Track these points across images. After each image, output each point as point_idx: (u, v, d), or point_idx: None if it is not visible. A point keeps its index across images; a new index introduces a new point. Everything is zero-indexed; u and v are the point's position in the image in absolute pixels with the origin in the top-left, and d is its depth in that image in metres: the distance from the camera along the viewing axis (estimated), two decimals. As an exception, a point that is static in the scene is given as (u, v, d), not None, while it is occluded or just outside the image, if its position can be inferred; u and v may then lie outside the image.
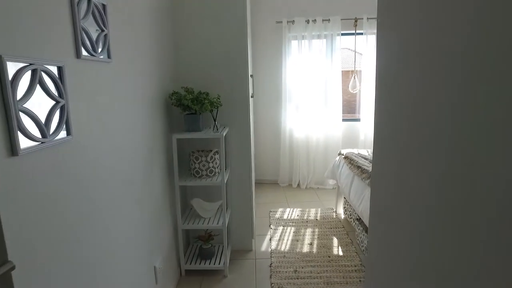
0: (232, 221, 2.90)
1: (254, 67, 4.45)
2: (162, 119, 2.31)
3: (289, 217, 3.63)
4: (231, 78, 2.63)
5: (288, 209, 3.84)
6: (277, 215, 3.69)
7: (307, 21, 4.18)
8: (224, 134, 2.38)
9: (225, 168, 2.74)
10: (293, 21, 4.21)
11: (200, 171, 2.47)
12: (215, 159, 2.49)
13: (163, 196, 2.29)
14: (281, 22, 4.24)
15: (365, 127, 4.46)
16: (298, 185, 4.63)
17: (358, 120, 4.59)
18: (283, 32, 4.25)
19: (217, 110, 2.44)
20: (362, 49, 4.28)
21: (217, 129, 2.38)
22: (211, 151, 2.55)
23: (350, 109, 5.60)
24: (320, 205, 3.97)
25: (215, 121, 2.41)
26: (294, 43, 4.36)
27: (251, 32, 4.20)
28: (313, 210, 3.79)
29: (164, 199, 2.32)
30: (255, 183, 4.69)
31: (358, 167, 2.99)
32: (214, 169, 2.49)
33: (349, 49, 4.89)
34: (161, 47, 2.27)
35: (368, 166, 2.95)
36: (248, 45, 2.64)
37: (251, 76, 3.33)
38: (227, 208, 2.80)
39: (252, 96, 3.16)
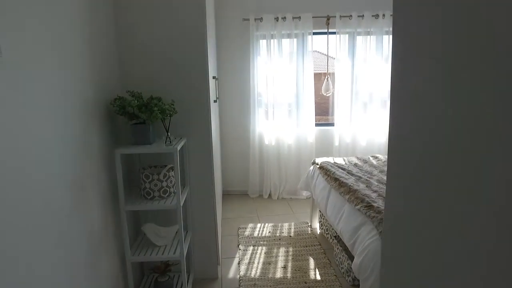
0: (194, 246, 2.50)
1: (219, 68, 4.07)
2: (102, 130, 1.88)
3: (260, 235, 3.28)
4: (189, 81, 2.24)
5: (259, 225, 3.49)
6: (247, 233, 3.32)
7: (276, 19, 3.86)
8: (179, 147, 1.98)
9: (183, 186, 2.34)
10: (261, 19, 3.88)
11: (152, 192, 2.05)
12: (169, 176, 2.08)
13: (104, 225, 1.86)
14: (248, 19, 3.89)
15: (340, 132, 4.19)
16: (270, 195, 4.29)
17: (332, 124, 4.32)
18: (251, 30, 3.91)
19: (170, 119, 2.04)
20: (335, 49, 4.01)
21: (170, 142, 1.98)
22: (165, 166, 2.15)
23: (322, 113, 5.34)
24: (294, 219, 3.64)
25: (167, 132, 2.01)
26: (262, 42, 4.02)
27: (216, 30, 3.82)
28: (286, 225, 3.45)
29: (106, 228, 1.89)
30: (223, 194, 4.31)
31: (336, 179, 2.68)
32: (168, 189, 2.09)
33: (320, 52, 4.63)
34: (96, 40, 1.84)
35: (347, 179, 2.65)
36: (207, 43, 2.26)
37: (215, 78, 2.96)
38: (186, 233, 2.40)
39: (215, 101, 2.79)
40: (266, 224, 3.50)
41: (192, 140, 2.32)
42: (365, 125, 4.17)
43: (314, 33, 3.97)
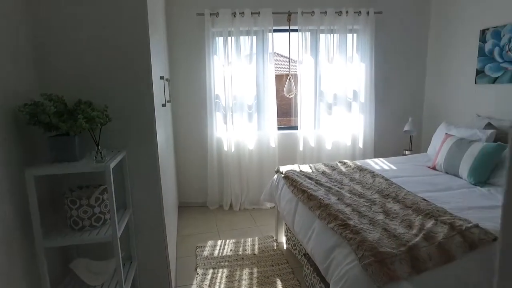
0: (140, 278, 2.09)
1: (171, 68, 3.67)
2: (6, 145, 1.43)
3: (221, 254, 2.92)
4: (128, 82, 1.84)
5: (219, 242, 3.13)
6: (206, 252, 2.95)
7: (234, 14, 3.53)
8: (113, 164, 1.58)
9: (124, 209, 1.93)
10: (217, 14, 3.52)
11: (81, 221, 1.63)
12: (103, 200, 1.67)
13: (8, 269, 1.41)
14: (203, 14, 3.52)
15: (304, 136, 3.95)
16: (231, 206, 3.94)
17: (295, 128, 4.07)
18: (206, 26, 3.54)
19: (101, 129, 1.63)
20: (297, 48, 3.76)
21: (101, 157, 1.57)
22: (99, 187, 1.73)
23: (285, 115, 5.09)
24: (258, 232, 3.32)
25: (97, 145, 1.60)
26: (219, 40, 3.67)
27: (166, 24, 3.41)
28: (249, 241, 3.12)
29: (13, 273, 1.44)
30: (180, 207, 3.90)
31: (303, 191, 2.40)
32: (102, 216, 1.67)
33: (281, 55, 4.37)
34: (-4, 29, 1.40)
35: (316, 190, 2.38)
36: (151, 38, 1.87)
37: (166, 79, 2.56)
38: (130, 264, 1.98)
39: (164, 105, 2.39)
40: (228, 240, 3.15)
41: (134, 153, 1.91)
42: (330, 128, 3.97)
43: (275, 31, 3.69)
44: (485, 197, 2.28)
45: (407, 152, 3.90)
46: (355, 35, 3.83)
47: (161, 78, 2.38)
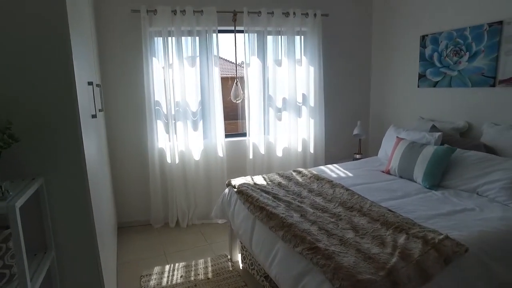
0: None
1: (103, 72, 3.21)
2: None
3: (170, 282, 2.56)
4: (42, 90, 1.44)
5: (167, 267, 2.76)
6: (153, 282, 2.57)
7: (174, 12, 3.19)
8: (21, 202, 1.18)
9: (44, 251, 1.51)
10: (155, 11, 3.15)
11: (-23, 279, 1.20)
12: (8, 249, 1.26)
13: None
14: (139, 11, 3.13)
15: (254, 143, 3.73)
16: (177, 223, 3.58)
17: (244, 135, 3.84)
18: (143, 25, 3.15)
19: (1, 153, 1.23)
20: (244, 50, 3.53)
21: (1, 193, 1.17)
22: (2, 231, 1.31)
23: (232, 119, 4.82)
24: (210, 251, 3.02)
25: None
26: (158, 40, 3.30)
27: (95, 21, 2.97)
28: (201, 262, 2.81)
29: None
30: (119, 228, 3.44)
31: (261, 208, 2.17)
32: (6, 272, 1.26)
33: (225, 59, 4.11)
34: None
35: (275, 207, 2.15)
36: (72, 37, 1.49)
37: (96, 85, 2.15)
38: (54, 321, 1.57)
39: (94, 116, 1.99)
40: (177, 264, 2.80)
41: (55, 179, 1.51)
42: (280, 134, 3.81)
43: (220, 31, 3.43)
44: (442, 201, 2.26)
45: (357, 156, 3.89)
46: (302, 37, 3.72)
47: (90, 84, 1.98)
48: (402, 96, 3.76)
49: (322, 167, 3.21)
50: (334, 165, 3.28)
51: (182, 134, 3.43)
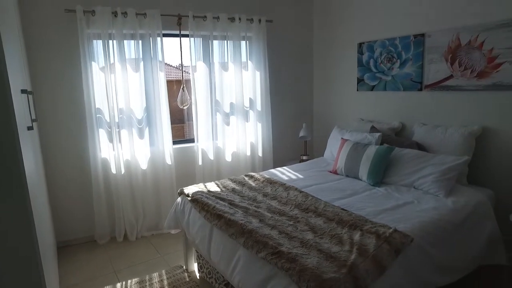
0: None
1: (33, 78, 2.92)
2: None
3: (121, 302, 2.41)
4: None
5: (119, 285, 2.59)
6: (102, 304, 2.40)
7: (115, 14, 3.02)
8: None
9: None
10: (93, 12, 2.95)
11: None
12: None
13: None
14: (74, 11, 2.90)
15: (203, 149, 3.67)
16: (125, 236, 3.38)
17: (192, 141, 3.76)
18: (79, 27, 2.92)
19: None
20: (190, 55, 3.46)
21: None
22: None
23: (178, 123, 4.70)
24: (163, 263, 2.90)
25: None
26: (98, 44, 3.09)
27: (22, 22, 2.69)
28: (156, 276, 2.69)
29: None
30: (59, 248, 3.15)
31: (219, 216, 2.15)
32: None
33: (170, 65, 3.99)
34: None
35: (233, 214, 2.15)
36: (1, 38, 1.34)
37: (27, 92, 1.94)
38: None
39: (30, 128, 1.80)
40: (129, 281, 2.64)
41: (-10, 202, 1.33)
42: (229, 139, 3.81)
43: (165, 35, 3.32)
44: (386, 197, 2.45)
45: (304, 157, 4.04)
46: (248, 42, 3.77)
47: (23, 92, 1.79)
48: (343, 99, 4.00)
49: (273, 170, 3.28)
50: (284, 167, 3.37)
51: (127, 142, 3.25)
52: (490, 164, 2.74)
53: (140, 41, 3.20)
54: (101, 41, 3.04)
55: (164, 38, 3.31)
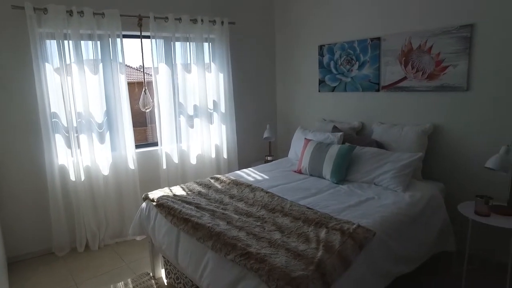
0: None
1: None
2: None
3: (84, 314, 2.31)
4: None
5: (79, 298, 2.48)
6: (63, 318, 2.28)
7: (70, 12, 2.88)
8: None
9: None
10: (45, 10, 2.79)
11: None
12: None
13: None
14: (23, 8, 2.72)
15: (167, 153, 3.60)
16: (87, 246, 3.23)
17: (155, 144, 3.67)
18: (29, 25, 2.75)
19: None
20: (151, 57, 3.38)
21: None
22: None
23: (141, 126, 4.58)
24: (129, 272, 2.81)
25: None
26: (52, 44, 2.93)
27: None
28: (121, 285, 2.60)
29: None
30: (9, 264, 2.95)
31: (186, 220, 2.13)
32: None
33: (131, 67, 3.87)
34: None
35: (200, 217, 2.14)
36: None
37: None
38: None
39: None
40: (91, 293, 2.53)
41: None
42: (193, 141, 3.77)
43: (124, 36, 3.22)
44: (349, 194, 2.55)
45: (269, 158, 4.09)
46: (211, 44, 3.75)
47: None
48: (306, 100, 4.10)
49: (238, 172, 3.29)
50: (250, 168, 3.39)
51: (86, 147, 3.11)
52: (440, 160, 2.95)
53: (98, 42, 3.07)
54: (55, 41, 2.89)
55: (125, 39, 3.21)
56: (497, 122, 2.60)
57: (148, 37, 3.34)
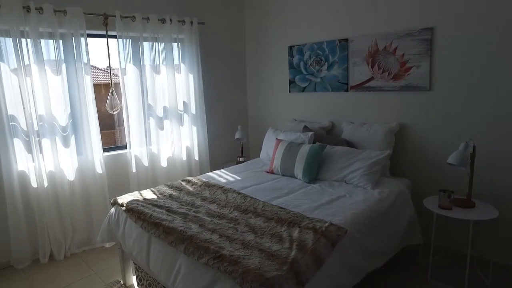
0: None
1: None
2: None
3: (49, 328, 2.18)
4: None
5: (43, 312, 2.34)
6: (25, 334, 2.14)
7: (27, 9, 2.72)
8: None
9: None
10: (-1, 7, 2.62)
11: None
12: None
13: None
14: (-26, 5, 2.55)
15: (136, 156, 3.50)
16: (52, 256, 3.06)
17: (124, 147, 3.56)
18: (-19, 23, 2.58)
19: None
20: (119, 57, 3.27)
21: None
22: None
23: (108, 129, 4.42)
24: (99, 280, 2.70)
25: None
26: (7, 42, 2.75)
27: None
28: (88, 296, 2.49)
29: None
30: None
31: (157, 224, 2.07)
32: None
33: (97, 68, 3.72)
34: None
35: (171, 221, 2.09)
36: None
37: None
38: None
39: None
40: (56, 305, 2.40)
41: None
42: (163, 144, 3.68)
43: (89, 35, 3.09)
44: (321, 193, 2.58)
45: (241, 159, 4.08)
46: (180, 44, 3.69)
47: None
48: (277, 101, 4.12)
49: (210, 174, 3.25)
50: (222, 170, 3.36)
51: (49, 152, 2.96)
52: (407, 157, 3.06)
53: (60, 41, 2.93)
54: (11, 39, 2.72)
55: (90, 39, 3.09)
56: (457, 120, 2.73)
57: (114, 36, 3.23)
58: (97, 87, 3.28)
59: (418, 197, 2.87)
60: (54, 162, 2.99)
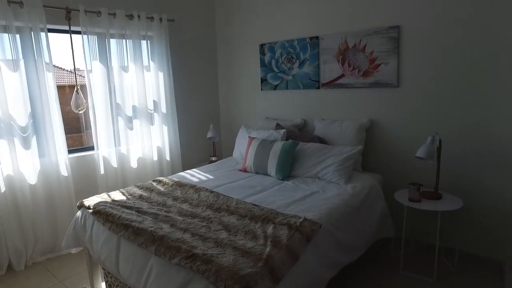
0: None
1: None
2: None
3: None
4: None
5: (2, 325, 2.18)
6: None
7: (-21, 2, 2.54)
8: None
9: None
10: None
11: None
12: None
13: None
14: None
15: (104, 157, 3.35)
16: (10, 267, 2.86)
17: (91, 148, 3.40)
18: None
19: None
20: (84, 54, 3.13)
21: None
22: None
23: (75, 132, 4.20)
24: (62, 289, 2.55)
25: None
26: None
27: None
28: (52, 306, 2.34)
29: None
30: None
31: (126, 225, 1.98)
32: None
33: (62, 68, 3.53)
34: None
35: (142, 222, 2.01)
36: None
37: None
38: None
39: None
40: (17, 318, 2.24)
41: None
42: (133, 144, 3.55)
43: (50, 30, 2.93)
44: (294, 189, 2.58)
45: (213, 158, 4.01)
46: (149, 41, 3.58)
47: None
48: (249, 99, 4.10)
49: (182, 173, 3.17)
50: (194, 169, 3.29)
51: (7, 154, 2.77)
52: (377, 152, 3.12)
53: (17, 36, 2.75)
54: (-37, 34, 2.53)
55: (51, 34, 2.92)
56: (424, 116, 2.82)
57: (79, 32, 3.08)
58: (62, 88, 3.12)
59: (389, 191, 2.94)
60: (12, 165, 2.80)
